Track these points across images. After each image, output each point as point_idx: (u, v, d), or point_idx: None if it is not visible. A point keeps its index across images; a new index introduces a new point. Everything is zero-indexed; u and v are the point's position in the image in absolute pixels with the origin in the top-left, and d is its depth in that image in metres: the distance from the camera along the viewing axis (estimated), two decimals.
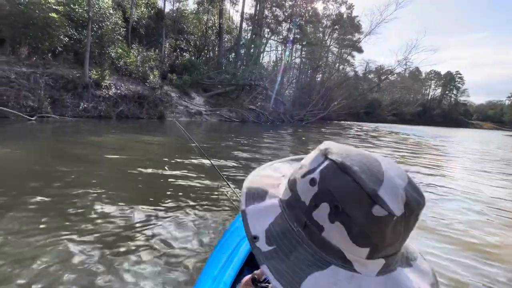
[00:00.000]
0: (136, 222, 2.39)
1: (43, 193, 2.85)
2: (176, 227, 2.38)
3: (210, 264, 1.16)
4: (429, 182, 4.94)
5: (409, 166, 6.49)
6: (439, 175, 5.75)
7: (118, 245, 2.02)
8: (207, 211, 2.80)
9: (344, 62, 41.09)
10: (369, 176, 0.33)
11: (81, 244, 1.98)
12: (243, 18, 26.47)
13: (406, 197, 0.32)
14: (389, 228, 0.32)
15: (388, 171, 0.34)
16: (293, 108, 28.18)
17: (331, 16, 35.37)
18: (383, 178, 0.33)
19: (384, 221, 0.32)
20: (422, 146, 12.71)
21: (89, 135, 7.34)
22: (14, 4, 10.81)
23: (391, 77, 46.40)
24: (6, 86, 9.27)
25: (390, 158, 0.38)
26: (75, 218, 2.40)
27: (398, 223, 0.32)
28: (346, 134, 16.84)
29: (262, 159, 5.81)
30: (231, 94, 21.83)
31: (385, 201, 0.31)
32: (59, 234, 2.09)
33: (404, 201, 0.32)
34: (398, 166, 0.36)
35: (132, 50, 15.62)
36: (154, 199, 2.97)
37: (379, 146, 11.24)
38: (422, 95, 73.32)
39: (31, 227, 2.16)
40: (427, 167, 6.55)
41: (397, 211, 0.32)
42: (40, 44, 11.50)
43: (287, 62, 31.24)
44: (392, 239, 0.33)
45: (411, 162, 7.21)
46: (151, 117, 14.04)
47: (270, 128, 15.77)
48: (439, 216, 3.26)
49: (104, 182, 3.39)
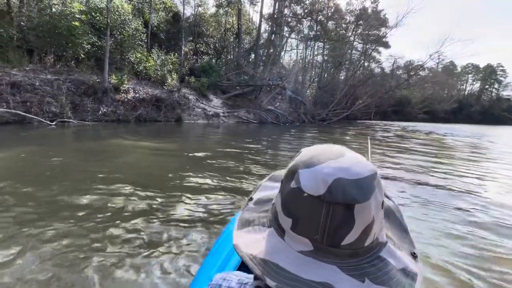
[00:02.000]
0: (136, 226, 2.38)
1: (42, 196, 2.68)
2: (176, 229, 2.39)
3: (205, 266, 1.16)
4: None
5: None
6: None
7: (116, 246, 2.05)
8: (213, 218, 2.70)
9: (369, 59, 39.11)
10: (303, 161, 0.39)
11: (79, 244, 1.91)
12: (262, 17, 26.14)
13: (333, 184, 0.35)
14: (302, 202, 0.36)
15: (330, 162, 0.37)
16: (314, 108, 27.22)
17: (354, 12, 33.86)
18: (315, 165, 0.37)
19: (295, 193, 0.37)
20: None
21: (102, 139, 7.39)
22: (41, 15, 11.42)
23: (422, 72, 43.45)
24: (31, 93, 9.74)
25: (359, 156, 0.40)
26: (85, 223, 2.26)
27: (314, 202, 0.35)
28: (385, 138, 15.72)
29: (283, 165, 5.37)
30: (249, 95, 21.53)
31: (300, 177, 0.37)
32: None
33: (326, 186, 0.35)
34: (358, 164, 0.38)
35: (151, 54, 15.94)
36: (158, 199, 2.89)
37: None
38: (457, 91, 67.82)
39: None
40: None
41: (309, 189, 0.36)
42: (64, 52, 12.05)
43: (307, 61, 30.40)
44: (310, 216, 0.36)
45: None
46: (168, 120, 14.15)
47: (290, 129, 15.21)
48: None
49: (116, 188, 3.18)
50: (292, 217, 0.38)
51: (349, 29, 34.74)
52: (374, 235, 0.38)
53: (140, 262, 1.87)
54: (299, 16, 28.48)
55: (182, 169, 4.38)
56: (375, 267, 0.37)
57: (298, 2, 27.60)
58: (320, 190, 0.35)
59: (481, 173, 5.59)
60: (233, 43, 25.95)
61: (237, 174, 4.31)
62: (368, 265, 0.37)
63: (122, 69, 14.24)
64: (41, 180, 3.49)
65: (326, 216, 0.35)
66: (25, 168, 3.99)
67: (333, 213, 0.34)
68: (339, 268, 0.36)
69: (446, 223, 2.88)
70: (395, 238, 0.43)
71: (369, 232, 0.37)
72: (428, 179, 4.76)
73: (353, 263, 0.36)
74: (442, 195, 3.88)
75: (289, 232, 0.38)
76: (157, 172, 4.19)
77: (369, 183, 0.36)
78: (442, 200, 3.59)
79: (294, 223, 0.37)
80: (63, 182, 3.41)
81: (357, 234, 0.35)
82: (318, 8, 28.53)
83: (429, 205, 3.41)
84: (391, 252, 0.39)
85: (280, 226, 0.40)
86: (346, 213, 0.34)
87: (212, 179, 3.88)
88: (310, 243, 0.37)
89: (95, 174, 3.78)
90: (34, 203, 2.74)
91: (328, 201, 0.34)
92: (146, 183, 3.58)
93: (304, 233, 0.37)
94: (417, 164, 6.12)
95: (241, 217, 0.46)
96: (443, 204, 3.44)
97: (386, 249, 0.39)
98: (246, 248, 0.39)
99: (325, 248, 0.36)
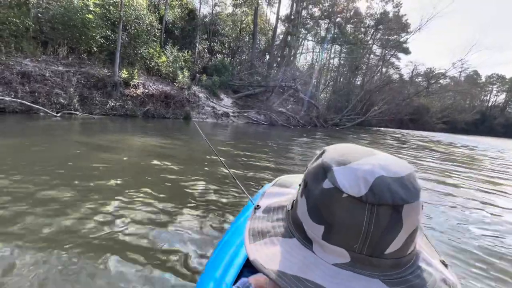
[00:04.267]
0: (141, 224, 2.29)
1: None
2: (179, 229, 2.29)
3: (211, 266, 1.16)
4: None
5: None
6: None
7: (115, 245, 1.95)
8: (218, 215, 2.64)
9: (388, 64, 37.87)
10: (335, 158, 0.34)
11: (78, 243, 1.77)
12: (278, 18, 25.70)
13: (376, 182, 0.31)
14: (340, 205, 0.31)
15: (366, 159, 0.33)
16: (327, 112, 26.48)
17: (375, 15, 32.85)
18: (350, 162, 0.33)
19: (331, 194, 0.32)
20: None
21: (105, 133, 7.16)
22: (58, 6, 11.47)
23: (443, 80, 41.70)
24: (40, 83, 9.71)
25: (390, 155, 0.36)
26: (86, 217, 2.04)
27: (355, 205, 0.31)
28: (407, 147, 14.94)
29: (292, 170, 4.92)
30: (261, 96, 21.11)
31: (335, 175, 0.32)
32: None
33: (368, 185, 0.31)
34: (394, 162, 0.34)
35: (165, 51, 15.83)
36: (161, 200, 2.81)
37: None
38: (480, 102, 64.85)
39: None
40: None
41: (348, 188, 0.31)
42: (78, 45, 12.06)
43: (323, 64, 29.71)
44: (349, 221, 0.31)
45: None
46: (177, 117, 13.94)
47: (300, 133, 14.67)
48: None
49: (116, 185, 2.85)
50: (325, 224, 0.32)
51: (368, 33, 33.75)
52: (415, 242, 0.33)
53: (147, 258, 1.81)
54: (316, 17, 27.87)
55: (185, 168, 4.02)
56: (419, 278, 0.32)
57: (316, 3, 26.99)
58: (361, 190, 0.30)
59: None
60: (248, 43, 25.65)
61: (241, 176, 3.93)
62: (412, 277, 0.32)
63: (134, 64, 14.16)
64: (21, 171, 3.19)
65: (369, 220, 0.30)
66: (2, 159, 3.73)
67: (377, 216, 0.30)
68: (383, 282, 0.31)
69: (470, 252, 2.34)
70: (424, 245, 0.38)
71: (414, 238, 0.32)
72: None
73: (395, 275, 0.32)
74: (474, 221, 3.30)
75: (320, 242, 0.33)
76: (159, 170, 3.85)
77: (413, 182, 0.32)
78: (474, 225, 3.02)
79: (327, 230, 0.32)
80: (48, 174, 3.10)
81: (403, 240, 0.31)
82: (338, 10, 27.78)
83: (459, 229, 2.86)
84: (427, 261, 0.35)
85: (306, 235, 0.35)
86: (393, 216, 0.30)
87: (215, 180, 3.52)
88: (348, 253, 0.32)
89: (81, 168, 3.46)
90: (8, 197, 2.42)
91: (371, 203, 0.30)
92: (148, 181, 3.27)
93: (340, 242, 0.32)
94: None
95: (251, 227, 0.40)
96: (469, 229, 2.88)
97: (422, 257, 0.35)
98: (268, 264, 0.33)
99: (365, 259, 0.31)
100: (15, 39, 10.32)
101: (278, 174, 4.41)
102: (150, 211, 2.54)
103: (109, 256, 1.78)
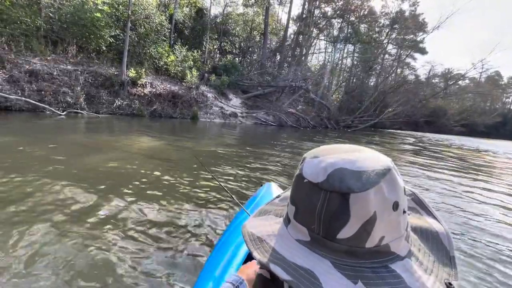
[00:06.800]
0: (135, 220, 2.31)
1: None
2: (177, 227, 2.27)
3: (210, 264, 1.16)
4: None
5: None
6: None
7: (118, 241, 1.95)
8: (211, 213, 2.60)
9: (403, 65, 36.59)
10: (313, 153, 0.39)
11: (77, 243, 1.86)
12: (290, 17, 25.23)
13: (333, 173, 0.34)
14: (302, 189, 0.37)
15: (338, 155, 0.37)
16: (339, 113, 25.72)
17: (390, 14, 31.76)
18: (322, 156, 0.38)
19: (298, 179, 0.38)
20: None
21: (105, 133, 6.98)
22: (68, 5, 11.51)
23: (461, 82, 39.92)
24: (48, 82, 9.71)
25: (379, 155, 0.38)
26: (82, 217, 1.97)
27: (312, 190, 0.35)
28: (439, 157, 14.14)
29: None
30: (270, 96, 20.69)
31: (304, 165, 0.38)
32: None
33: (326, 174, 0.35)
34: (368, 158, 0.36)
35: (174, 50, 15.71)
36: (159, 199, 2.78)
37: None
38: (502, 104, 61.86)
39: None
40: None
41: (309, 175, 0.36)
42: (87, 44, 12.07)
43: (335, 64, 28.98)
44: (307, 204, 0.36)
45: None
46: (184, 117, 13.75)
47: (310, 134, 14.17)
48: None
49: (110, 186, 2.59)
50: (295, 205, 0.38)
51: (382, 32, 32.69)
52: (379, 238, 0.34)
53: (145, 257, 1.80)
54: (329, 16, 27.20)
55: (188, 167, 3.71)
56: (377, 274, 0.33)
57: (329, 2, 26.33)
58: (319, 178, 0.35)
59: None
60: (258, 43, 25.31)
61: (244, 179, 3.60)
62: (368, 270, 0.34)
63: (143, 63, 14.10)
64: (21, 169, 2.96)
65: (322, 204, 0.34)
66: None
67: (328, 201, 0.34)
68: (332, 263, 0.34)
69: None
70: (428, 262, 0.37)
71: (370, 231, 0.34)
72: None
73: (351, 263, 0.34)
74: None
75: (292, 221, 0.39)
76: (162, 170, 3.56)
77: (371, 176, 0.34)
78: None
79: (295, 211, 0.38)
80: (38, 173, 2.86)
81: (354, 229, 0.33)
82: (352, 9, 26.99)
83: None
84: (408, 269, 0.34)
85: (287, 215, 0.40)
86: (341, 202, 0.33)
87: (219, 179, 3.21)
88: (308, 232, 0.36)
89: (80, 167, 3.21)
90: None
91: (325, 189, 0.34)
92: (151, 180, 3.05)
93: (302, 221, 0.37)
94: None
95: (261, 208, 0.49)
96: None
97: (402, 263, 0.35)
98: (250, 228, 0.42)
99: (322, 240, 0.35)
100: (25, 38, 10.39)
101: (278, 178, 4.02)
102: (146, 212, 2.47)
103: (109, 256, 1.76)
